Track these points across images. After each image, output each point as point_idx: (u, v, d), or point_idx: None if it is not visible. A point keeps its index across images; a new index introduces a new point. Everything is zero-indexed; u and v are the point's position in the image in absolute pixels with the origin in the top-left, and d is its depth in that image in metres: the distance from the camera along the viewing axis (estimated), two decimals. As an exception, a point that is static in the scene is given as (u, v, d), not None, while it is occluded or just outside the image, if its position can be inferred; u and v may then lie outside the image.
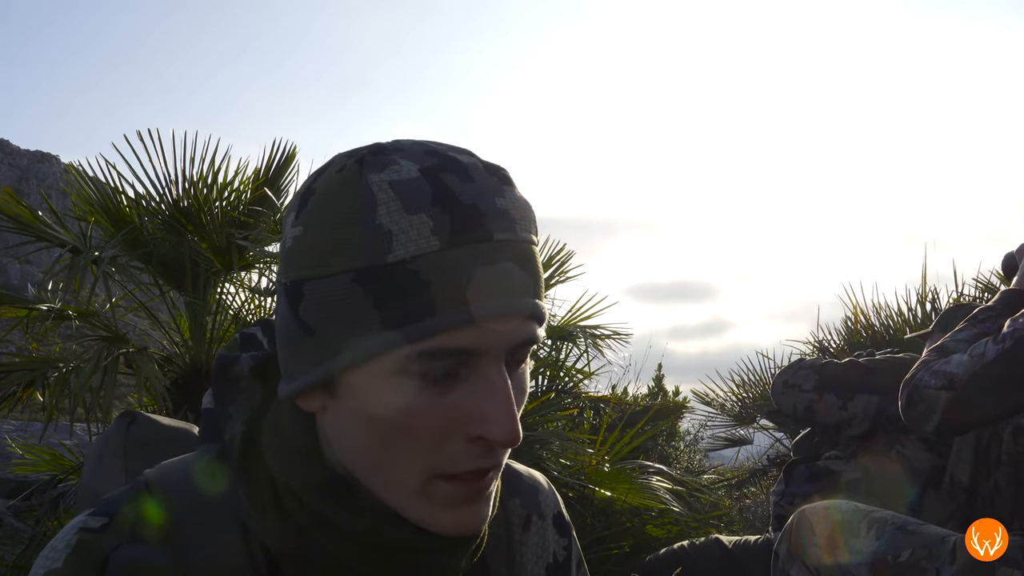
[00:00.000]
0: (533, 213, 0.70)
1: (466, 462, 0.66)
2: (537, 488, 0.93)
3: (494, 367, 0.65)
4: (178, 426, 1.24)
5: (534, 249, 0.69)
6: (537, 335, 0.68)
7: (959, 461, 2.08)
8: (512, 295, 0.65)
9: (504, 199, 0.67)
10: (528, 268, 0.67)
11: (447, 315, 0.62)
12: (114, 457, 1.20)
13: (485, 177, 0.67)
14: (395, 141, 0.69)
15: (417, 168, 0.65)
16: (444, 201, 0.63)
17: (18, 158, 35.88)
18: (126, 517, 0.72)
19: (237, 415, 0.76)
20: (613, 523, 3.33)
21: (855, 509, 1.75)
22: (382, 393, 0.65)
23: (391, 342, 0.63)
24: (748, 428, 5.81)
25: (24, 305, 3.69)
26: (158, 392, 3.33)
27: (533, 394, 3.95)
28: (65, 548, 0.69)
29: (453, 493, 0.67)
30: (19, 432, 5.21)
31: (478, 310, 0.63)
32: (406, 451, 0.66)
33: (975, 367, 1.68)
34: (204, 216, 3.81)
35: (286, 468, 0.71)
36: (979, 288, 4.66)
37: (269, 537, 0.70)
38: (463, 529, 0.69)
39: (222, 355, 0.79)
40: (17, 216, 3.73)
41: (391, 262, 0.63)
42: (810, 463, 2.54)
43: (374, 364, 0.64)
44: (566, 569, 0.93)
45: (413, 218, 0.63)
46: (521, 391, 0.70)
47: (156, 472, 0.77)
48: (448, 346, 0.63)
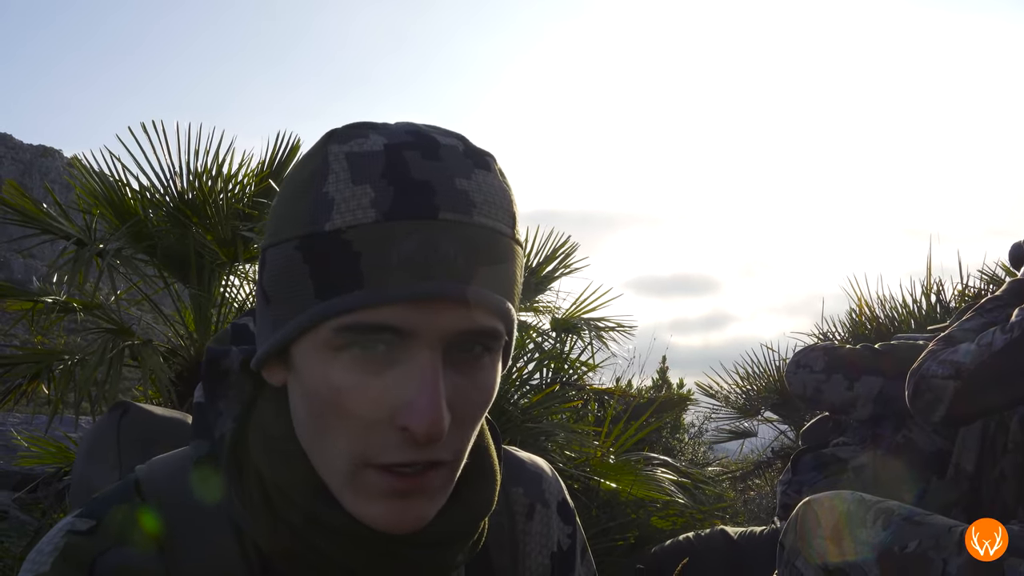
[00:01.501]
0: (508, 203, 0.66)
1: (394, 453, 0.62)
2: (541, 476, 0.91)
3: (426, 354, 0.61)
4: (172, 416, 1.22)
5: (498, 238, 0.64)
6: (488, 328, 0.63)
7: (965, 449, 2.08)
8: (445, 278, 0.60)
9: (468, 181, 0.63)
10: (479, 254, 0.62)
11: (372, 290, 0.60)
12: (106, 450, 1.17)
13: (456, 158, 0.64)
14: (391, 122, 0.67)
15: (384, 143, 0.63)
16: (393, 174, 0.61)
17: (21, 152, 35.88)
18: (115, 519, 0.71)
19: (227, 411, 0.74)
20: (618, 514, 3.33)
21: (861, 500, 1.75)
22: (315, 367, 0.63)
23: (320, 313, 0.61)
24: (752, 420, 5.82)
25: (29, 298, 3.69)
26: (163, 384, 3.34)
27: (538, 386, 3.94)
28: (52, 551, 0.68)
29: (382, 485, 0.63)
30: (24, 425, 5.22)
31: (400, 289, 0.60)
32: (336, 432, 0.63)
33: (983, 356, 1.68)
34: (209, 208, 3.80)
35: (272, 465, 0.69)
36: (984, 280, 4.65)
37: (261, 537, 0.68)
38: (396, 526, 0.65)
39: (211, 348, 0.77)
40: (22, 209, 3.73)
41: (328, 230, 0.61)
42: (817, 451, 2.55)
43: (312, 336, 0.63)
44: (571, 557, 0.92)
45: (357, 188, 0.61)
46: (477, 388, 0.65)
47: (147, 470, 0.75)
48: (370, 322, 0.60)
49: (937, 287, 4.95)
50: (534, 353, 4.05)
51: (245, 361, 0.75)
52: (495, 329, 0.64)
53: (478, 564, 0.82)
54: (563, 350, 4.58)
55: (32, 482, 3.96)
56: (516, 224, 0.67)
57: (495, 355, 0.66)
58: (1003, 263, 4.53)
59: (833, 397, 2.49)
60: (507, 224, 0.65)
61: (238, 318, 0.82)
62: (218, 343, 0.78)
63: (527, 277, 5.05)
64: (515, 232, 0.67)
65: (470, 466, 0.73)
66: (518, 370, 3.70)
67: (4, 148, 35.39)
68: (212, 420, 0.74)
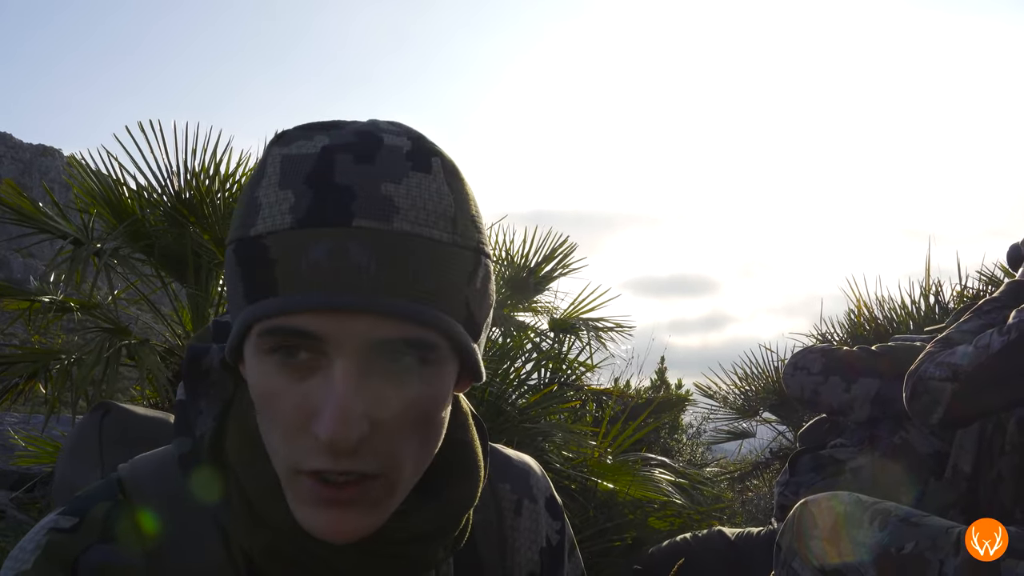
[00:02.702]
0: (447, 207, 0.63)
1: (315, 460, 0.61)
2: (528, 472, 0.91)
3: (340, 361, 0.60)
4: (154, 416, 1.21)
5: (426, 243, 0.61)
6: (411, 338, 0.61)
7: (962, 450, 2.07)
8: (353, 289, 0.59)
9: (398, 186, 0.61)
10: (400, 261, 0.60)
11: (283, 297, 0.60)
12: (88, 450, 1.17)
13: (393, 161, 0.62)
14: (367, 121, 0.66)
15: (324, 144, 0.62)
16: (316, 179, 0.61)
17: (21, 152, 35.87)
18: (97, 517, 0.70)
19: (208, 410, 0.74)
20: (616, 515, 3.32)
21: (858, 500, 1.74)
22: (253, 369, 0.63)
23: (248, 317, 0.61)
24: (751, 421, 5.81)
25: (26, 297, 3.69)
26: (160, 384, 3.33)
27: (535, 386, 3.94)
28: (35, 549, 0.68)
29: (315, 493, 0.63)
30: (21, 424, 5.21)
31: (306, 298, 0.59)
32: (274, 435, 0.63)
33: (980, 358, 1.67)
34: (206, 208, 3.80)
35: (246, 463, 0.69)
36: (983, 281, 4.64)
37: (243, 537, 0.68)
38: (332, 534, 0.64)
39: (192, 346, 0.77)
40: (19, 208, 3.72)
41: (252, 235, 0.62)
42: (815, 452, 2.54)
43: (249, 338, 0.63)
44: (559, 552, 0.92)
45: (281, 193, 0.61)
46: (403, 399, 0.63)
47: (130, 468, 0.75)
48: (287, 326, 0.60)
49: (936, 288, 4.95)
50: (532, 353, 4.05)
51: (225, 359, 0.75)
52: (420, 339, 0.61)
53: (467, 560, 0.82)
54: (561, 350, 4.58)
55: (29, 481, 3.95)
56: (459, 228, 0.64)
57: (436, 366, 0.64)
58: (1002, 264, 4.53)
59: (831, 399, 2.49)
60: (442, 229, 0.63)
61: (220, 316, 0.82)
62: (199, 341, 0.79)
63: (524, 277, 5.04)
64: (456, 236, 0.64)
65: (451, 462, 0.74)
66: (516, 370, 3.70)
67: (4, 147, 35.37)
68: (193, 418, 0.73)
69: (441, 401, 0.66)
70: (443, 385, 0.66)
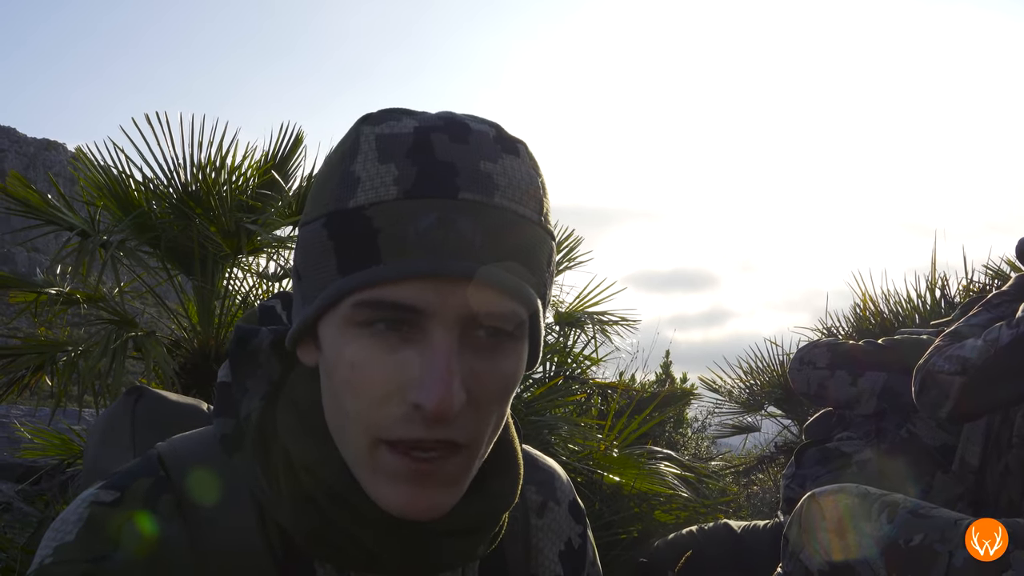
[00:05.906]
0: (536, 189, 0.66)
1: (403, 429, 0.62)
2: (553, 474, 0.92)
3: (441, 332, 0.61)
4: (186, 402, 1.22)
5: (521, 222, 0.64)
6: (506, 311, 0.63)
7: (969, 443, 2.07)
8: (460, 258, 0.60)
9: (495, 164, 0.63)
10: (499, 236, 0.62)
11: (389, 265, 0.60)
12: (121, 434, 1.18)
13: (485, 143, 0.64)
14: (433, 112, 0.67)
15: (415, 125, 0.64)
16: (418, 154, 0.62)
17: (25, 146, 35.92)
18: (139, 491, 0.70)
19: (255, 390, 0.74)
20: (621, 508, 3.32)
21: (866, 493, 1.74)
22: (336, 343, 0.64)
23: (341, 288, 0.62)
24: (756, 415, 5.81)
25: (32, 290, 3.69)
26: (167, 376, 3.34)
27: (541, 380, 3.94)
28: (77, 521, 0.68)
29: (396, 465, 0.63)
30: (28, 417, 5.22)
31: (415, 264, 0.60)
32: (352, 409, 0.64)
33: (989, 352, 1.67)
34: (212, 200, 3.79)
35: (301, 442, 0.69)
36: (989, 275, 4.64)
37: (285, 517, 0.69)
38: (410, 512, 0.64)
39: (241, 327, 0.77)
40: (26, 200, 3.72)
41: (352, 207, 0.62)
42: (821, 445, 2.54)
43: (334, 312, 0.64)
44: (581, 556, 0.92)
45: (382, 167, 0.62)
46: (495, 373, 0.64)
47: (168, 446, 0.75)
48: (387, 299, 0.61)
49: (942, 282, 4.94)
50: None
51: (274, 340, 0.76)
52: (514, 312, 0.63)
53: (492, 557, 0.82)
54: (566, 344, 4.58)
55: (35, 474, 3.96)
56: (544, 211, 0.67)
57: (518, 342, 0.66)
58: (1008, 259, 4.52)
59: (837, 393, 2.49)
60: (533, 210, 0.65)
61: (266, 300, 0.83)
62: (246, 322, 0.79)
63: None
64: (542, 219, 0.66)
65: (495, 458, 0.73)
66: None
67: (8, 142, 35.43)
68: (238, 398, 0.74)
69: (519, 378, 0.67)
70: (522, 363, 0.67)
